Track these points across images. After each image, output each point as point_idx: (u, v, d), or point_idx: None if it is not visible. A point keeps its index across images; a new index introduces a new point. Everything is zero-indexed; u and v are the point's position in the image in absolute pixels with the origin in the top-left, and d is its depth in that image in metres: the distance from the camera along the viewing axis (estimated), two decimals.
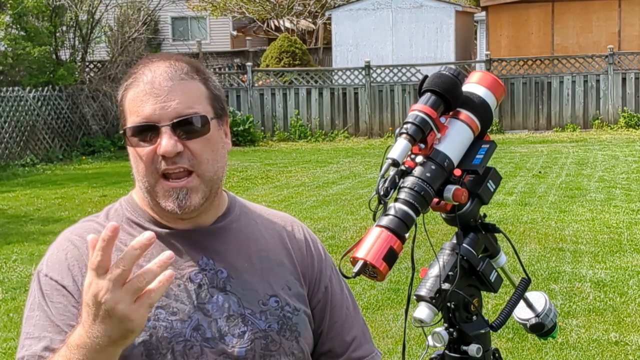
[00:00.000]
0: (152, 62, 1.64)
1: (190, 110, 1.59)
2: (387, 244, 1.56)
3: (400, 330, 5.14)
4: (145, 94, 1.59)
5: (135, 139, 1.60)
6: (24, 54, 15.85)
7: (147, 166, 1.60)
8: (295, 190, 11.24)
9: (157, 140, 1.58)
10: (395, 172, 1.63)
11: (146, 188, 1.62)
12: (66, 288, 1.60)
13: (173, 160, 1.58)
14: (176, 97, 1.59)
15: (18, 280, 6.87)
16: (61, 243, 1.67)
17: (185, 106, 1.59)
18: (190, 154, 1.59)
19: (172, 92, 1.59)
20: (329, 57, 23.27)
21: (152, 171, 1.59)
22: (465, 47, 22.37)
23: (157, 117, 1.58)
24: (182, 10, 24.61)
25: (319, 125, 18.21)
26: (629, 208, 8.96)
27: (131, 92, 1.61)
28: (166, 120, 1.57)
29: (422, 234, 1.66)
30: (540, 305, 1.85)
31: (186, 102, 1.59)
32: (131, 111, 1.61)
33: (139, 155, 1.60)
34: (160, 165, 1.58)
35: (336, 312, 1.79)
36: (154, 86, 1.59)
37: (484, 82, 1.75)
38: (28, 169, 14.80)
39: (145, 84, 1.60)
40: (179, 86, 1.60)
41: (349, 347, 1.79)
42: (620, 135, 16.46)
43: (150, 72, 1.61)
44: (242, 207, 1.78)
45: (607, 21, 20.05)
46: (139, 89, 1.60)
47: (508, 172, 11.84)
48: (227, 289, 1.65)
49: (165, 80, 1.60)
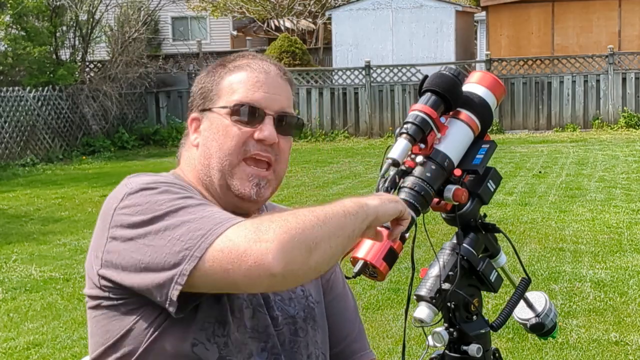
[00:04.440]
0: (258, 58, 1.71)
1: (290, 110, 1.69)
2: (388, 244, 1.56)
3: (400, 330, 5.14)
4: (258, 80, 1.65)
5: (235, 117, 1.63)
6: (24, 54, 15.86)
7: (237, 145, 1.62)
8: (295, 190, 11.24)
9: (257, 125, 1.62)
10: (396, 172, 1.63)
11: (223, 166, 1.62)
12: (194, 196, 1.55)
13: (266, 148, 1.63)
14: (283, 93, 1.68)
15: (18, 280, 6.87)
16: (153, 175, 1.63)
17: (288, 104, 1.68)
18: (278, 149, 1.66)
19: (282, 88, 1.68)
20: (329, 57, 23.27)
21: (239, 152, 1.62)
22: (465, 47, 22.36)
23: (265, 104, 1.64)
24: (182, 10, 24.60)
25: (319, 125, 18.21)
26: (629, 208, 8.96)
27: (240, 75, 1.66)
28: (272, 111, 1.64)
29: (422, 234, 1.66)
30: (540, 305, 1.85)
31: (288, 101, 1.69)
32: (234, 91, 1.65)
33: (235, 133, 1.62)
34: (252, 148, 1.62)
35: (334, 305, 1.82)
36: (269, 76, 1.66)
37: (484, 82, 1.75)
38: (28, 169, 14.80)
39: (260, 72, 1.66)
40: (285, 85, 1.70)
41: (345, 339, 1.81)
42: (620, 135, 16.46)
43: (264, 64, 1.68)
44: (268, 204, 1.82)
45: (607, 21, 20.04)
46: (253, 75, 1.66)
47: (508, 172, 11.84)
48: None
49: (278, 75, 1.69)
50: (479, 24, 23.70)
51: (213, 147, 1.63)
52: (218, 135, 1.63)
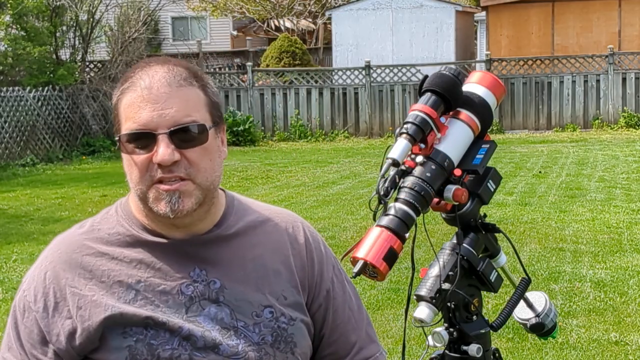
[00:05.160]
0: (149, 66, 1.59)
1: (188, 118, 1.55)
2: (388, 244, 1.56)
3: (400, 330, 5.14)
4: (142, 99, 1.54)
5: (131, 146, 1.56)
6: (24, 54, 15.85)
7: (141, 174, 1.56)
8: (295, 190, 11.25)
9: (154, 148, 1.54)
10: (396, 172, 1.63)
11: (139, 195, 1.58)
12: (35, 314, 1.61)
13: (169, 169, 1.54)
14: (174, 104, 1.54)
15: (18, 280, 6.87)
16: (45, 258, 1.67)
17: (184, 114, 1.55)
18: (187, 163, 1.55)
19: (170, 98, 1.55)
20: (329, 57, 23.27)
21: (146, 179, 1.56)
22: (465, 47, 22.36)
23: (154, 124, 1.53)
24: (182, 10, 24.61)
25: (319, 125, 18.21)
26: (629, 208, 8.96)
27: (127, 97, 1.57)
28: (163, 128, 1.53)
29: (422, 234, 1.66)
30: (540, 305, 1.85)
31: (184, 109, 1.55)
32: (127, 117, 1.56)
33: (134, 162, 1.56)
34: (156, 173, 1.55)
35: (338, 314, 1.74)
36: (151, 92, 1.54)
37: (484, 82, 1.75)
38: (28, 169, 14.79)
39: (142, 89, 1.55)
40: (177, 93, 1.55)
41: (352, 349, 1.75)
42: (620, 135, 16.46)
43: (148, 77, 1.56)
44: (240, 209, 1.73)
45: (607, 21, 20.05)
46: (136, 94, 1.55)
47: (508, 172, 11.84)
48: (220, 300, 1.62)
49: (163, 86, 1.55)
50: (479, 24, 23.71)
51: (128, 177, 1.60)
52: (127, 166, 1.59)
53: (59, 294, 1.60)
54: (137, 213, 1.66)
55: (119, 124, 1.60)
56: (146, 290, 1.60)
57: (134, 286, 1.60)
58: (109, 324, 1.57)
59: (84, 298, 1.59)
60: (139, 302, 1.59)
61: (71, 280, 1.61)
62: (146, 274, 1.61)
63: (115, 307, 1.58)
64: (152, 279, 1.61)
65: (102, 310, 1.57)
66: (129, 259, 1.62)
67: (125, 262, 1.62)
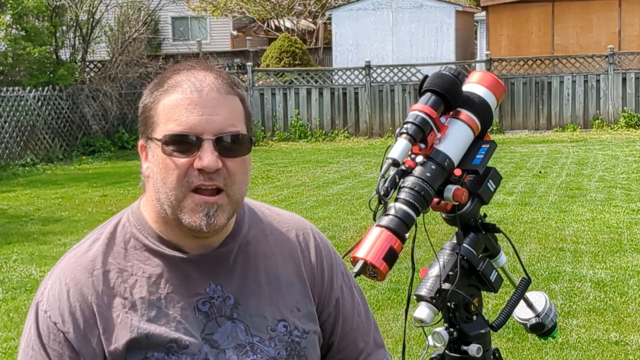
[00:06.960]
0: (195, 70, 1.56)
1: (233, 128, 1.53)
2: (388, 244, 1.56)
3: (400, 330, 5.14)
4: (190, 102, 1.51)
5: (170, 148, 1.51)
6: (24, 54, 15.85)
7: (179, 179, 1.50)
8: (295, 190, 11.24)
9: (195, 153, 1.49)
10: (396, 172, 1.63)
11: (171, 202, 1.52)
12: (66, 335, 1.54)
13: (210, 177, 1.50)
14: (222, 111, 1.52)
15: (18, 280, 6.87)
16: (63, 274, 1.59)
17: (229, 123, 1.52)
18: (226, 173, 1.52)
19: (219, 105, 1.52)
20: (329, 57, 23.27)
21: (183, 184, 1.50)
22: (465, 47, 22.35)
23: (200, 129, 1.50)
24: (183, 10, 24.61)
25: (319, 125, 18.21)
26: (629, 208, 8.96)
27: (171, 98, 1.52)
28: (209, 134, 1.50)
29: (422, 234, 1.66)
30: (540, 305, 1.85)
31: (230, 118, 1.53)
32: (168, 118, 1.52)
33: (174, 166, 1.50)
34: (195, 179, 1.50)
35: (347, 322, 1.73)
36: (201, 96, 1.51)
37: (484, 82, 1.75)
38: (28, 169, 14.79)
39: (192, 92, 1.51)
40: (224, 100, 1.53)
41: (360, 356, 1.74)
42: (620, 135, 16.45)
43: (197, 81, 1.53)
44: (251, 217, 1.70)
45: (607, 21, 20.04)
46: (185, 96, 1.51)
47: (508, 172, 11.84)
48: (235, 317, 1.59)
49: (213, 91, 1.52)
50: (479, 24, 23.70)
51: (158, 181, 1.53)
52: (160, 169, 1.53)
53: (87, 312, 1.55)
54: (151, 222, 1.61)
55: (154, 125, 1.55)
56: (167, 308, 1.57)
57: (156, 303, 1.57)
58: (133, 346, 1.53)
59: (110, 319, 1.55)
60: (162, 320, 1.56)
61: (96, 298, 1.55)
62: (165, 290, 1.58)
63: (140, 327, 1.54)
64: (172, 294, 1.58)
65: (128, 332, 1.54)
66: (148, 274, 1.58)
67: (144, 278, 1.58)
